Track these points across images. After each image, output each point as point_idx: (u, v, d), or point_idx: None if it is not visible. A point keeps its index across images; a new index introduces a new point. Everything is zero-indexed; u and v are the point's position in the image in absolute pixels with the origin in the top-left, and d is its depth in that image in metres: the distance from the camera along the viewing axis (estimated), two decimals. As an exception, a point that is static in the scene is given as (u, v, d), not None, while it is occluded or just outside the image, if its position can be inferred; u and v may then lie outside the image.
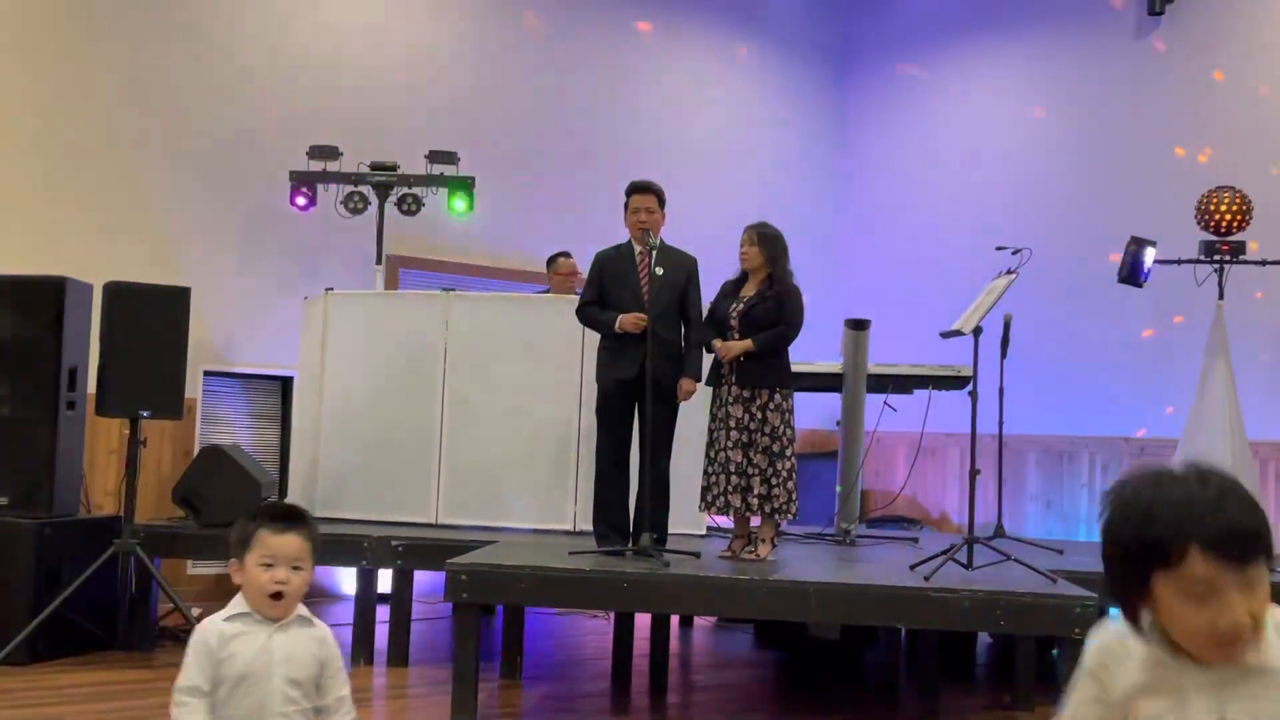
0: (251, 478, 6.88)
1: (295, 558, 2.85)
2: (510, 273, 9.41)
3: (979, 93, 10.42)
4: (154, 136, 8.17)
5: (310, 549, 2.89)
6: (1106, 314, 9.07)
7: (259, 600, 2.84)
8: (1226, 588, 1.67)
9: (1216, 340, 7.45)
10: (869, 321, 7.32)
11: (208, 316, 8.05)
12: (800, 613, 5.40)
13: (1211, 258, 7.46)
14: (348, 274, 8.48)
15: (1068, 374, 9.32)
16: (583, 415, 6.99)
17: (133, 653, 6.44)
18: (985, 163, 10.19)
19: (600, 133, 9.97)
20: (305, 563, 2.87)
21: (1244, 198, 7.44)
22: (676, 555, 5.74)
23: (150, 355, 6.34)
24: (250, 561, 2.84)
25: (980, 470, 5.89)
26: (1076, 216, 9.41)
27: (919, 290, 10.11)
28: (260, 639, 2.84)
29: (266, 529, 2.85)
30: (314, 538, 2.92)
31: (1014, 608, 5.11)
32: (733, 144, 10.80)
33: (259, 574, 2.83)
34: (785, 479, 5.85)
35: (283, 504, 3.02)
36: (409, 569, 6.53)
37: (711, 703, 6.18)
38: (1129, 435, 9.01)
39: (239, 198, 8.48)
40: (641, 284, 6.09)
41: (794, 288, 5.99)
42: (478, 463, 7.15)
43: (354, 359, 7.34)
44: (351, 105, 8.87)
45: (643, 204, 6.16)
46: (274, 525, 2.85)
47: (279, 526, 2.85)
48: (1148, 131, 9.16)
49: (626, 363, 6.00)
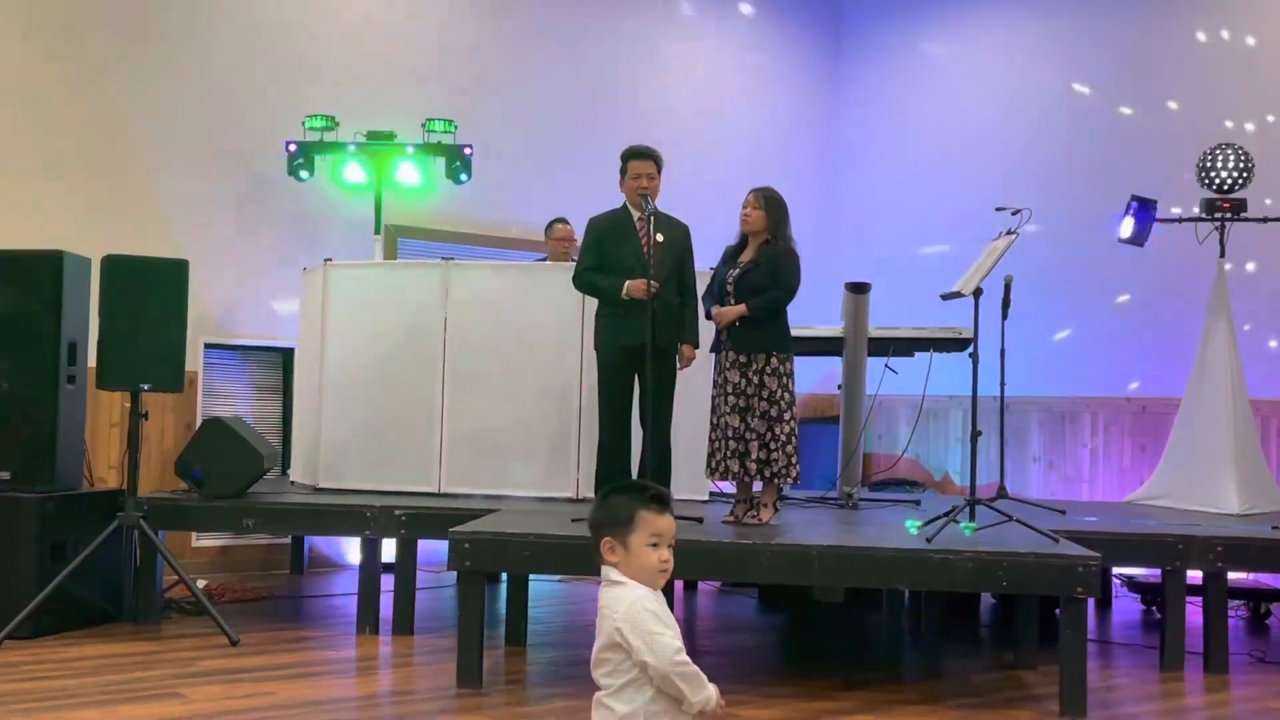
0: (253, 449, 6.88)
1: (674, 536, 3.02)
2: (509, 241, 9.39)
3: (977, 54, 10.35)
4: (149, 109, 8.13)
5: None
6: (1107, 274, 9.04)
7: (649, 576, 2.97)
8: None
9: (1218, 298, 7.44)
10: (869, 285, 7.30)
11: (207, 289, 8.03)
12: (804, 576, 5.41)
13: (1212, 215, 7.44)
14: (346, 244, 8.46)
15: (1069, 334, 9.31)
16: (584, 382, 6.98)
17: (138, 625, 6.47)
18: (984, 123, 10.14)
19: (598, 98, 9.91)
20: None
21: (1246, 154, 7.41)
22: (679, 521, 5.74)
23: (150, 328, 6.33)
24: (637, 542, 2.96)
25: (982, 432, 5.89)
26: (1077, 176, 9.37)
27: (919, 253, 10.08)
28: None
29: (648, 510, 2.97)
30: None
31: (1016, 568, 5.12)
32: (730, 109, 10.73)
33: (649, 554, 2.95)
34: (784, 443, 5.85)
35: (648, 484, 3.14)
36: (412, 538, 6.53)
37: (716, 666, 6.19)
38: (1131, 395, 9.00)
39: (236, 169, 8.44)
40: (644, 249, 6.07)
41: (790, 250, 5.97)
42: (479, 431, 7.15)
43: (354, 329, 7.33)
44: (348, 74, 8.82)
45: (643, 170, 6.14)
46: (655, 507, 2.99)
47: (660, 508, 2.99)
48: (1145, 86, 9.10)
49: (629, 329, 5.99)
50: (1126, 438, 9.05)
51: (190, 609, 6.70)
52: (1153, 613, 7.52)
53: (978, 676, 5.91)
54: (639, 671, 2.90)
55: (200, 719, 4.74)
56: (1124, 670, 6.12)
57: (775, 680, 5.80)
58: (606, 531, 2.97)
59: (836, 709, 5.08)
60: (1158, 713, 5.34)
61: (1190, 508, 7.23)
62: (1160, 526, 6.36)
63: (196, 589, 6.41)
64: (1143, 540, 6.10)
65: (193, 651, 5.90)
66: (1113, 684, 5.80)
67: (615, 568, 2.97)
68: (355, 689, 5.52)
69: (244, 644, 6.04)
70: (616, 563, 2.96)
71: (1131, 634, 7.05)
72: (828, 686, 5.44)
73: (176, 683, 5.27)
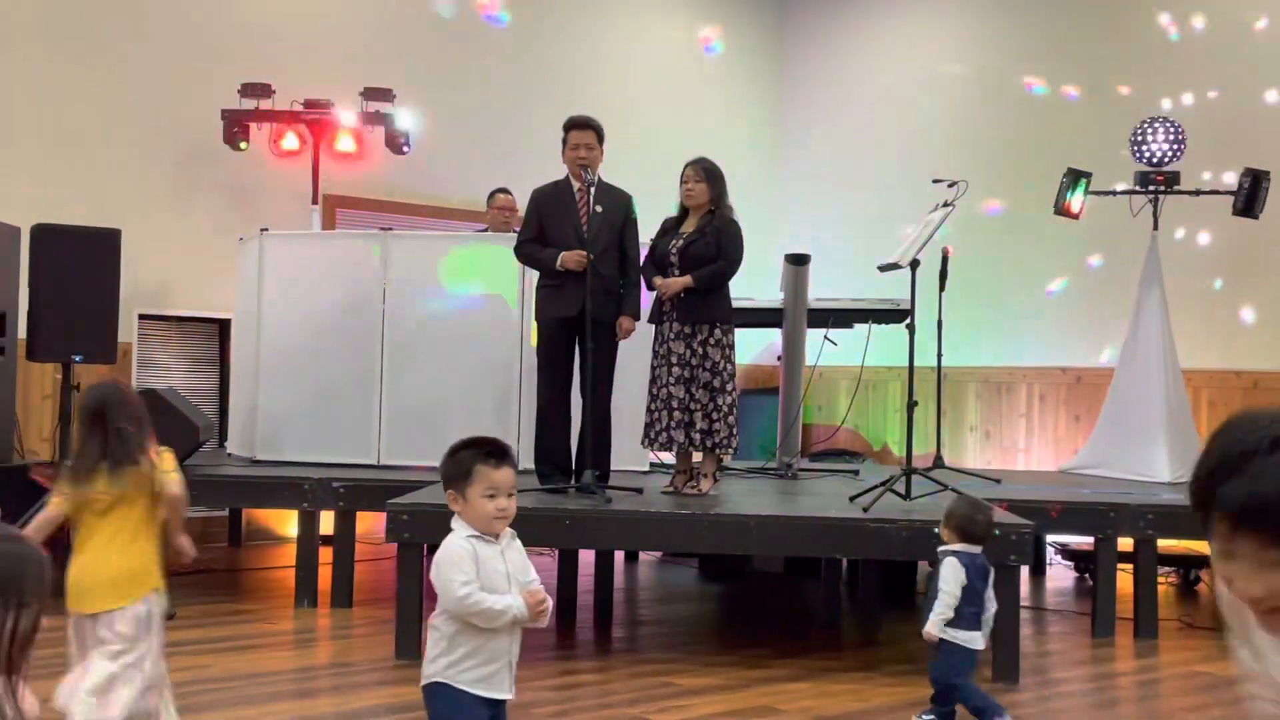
0: (190, 421, 6.80)
1: (514, 486, 3.16)
2: (449, 211, 9.31)
3: (922, 30, 10.39)
4: (82, 76, 7.98)
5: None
6: (1043, 246, 9.14)
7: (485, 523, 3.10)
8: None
9: (1151, 271, 7.55)
10: (809, 256, 7.33)
11: (141, 259, 7.89)
12: (743, 546, 5.46)
13: (1146, 188, 7.53)
14: (283, 214, 8.35)
15: (1005, 306, 9.41)
16: (524, 354, 6.97)
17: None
18: (924, 98, 10.19)
19: (541, 68, 9.84)
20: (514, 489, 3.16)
21: (1179, 127, 7.51)
22: (619, 492, 5.77)
23: (81, 299, 6.24)
24: (474, 493, 3.09)
25: (918, 402, 5.94)
26: (1016, 151, 9.45)
27: (859, 225, 10.13)
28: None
29: (485, 464, 3.10)
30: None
31: (952, 537, 5.18)
32: (672, 81, 10.70)
33: (485, 504, 3.09)
34: (726, 414, 5.88)
35: (487, 438, 3.21)
36: (351, 510, 6.50)
37: (656, 636, 6.24)
38: (1065, 365, 9.12)
39: (170, 137, 8.30)
40: (581, 221, 6.05)
41: (733, 222, 5.98)
42: (419, 403, 7.11)
43: (292, 300, 7.25)
44: (284, 42, 8.69)
45: (582, 140, 6.11)
46: (492, 461, 3.11)
47: (496, 462, 3.11)
48: (1087, 64, 9.19)
49: (567, 301, 5.98)
50: (1061, 407, 9.17)
51: (124, 582, 6.61)
52: (1085, 580, 7.65)
53: (914, 644, 5.97)
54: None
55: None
56: (1057, 637, 6.22)
57: (714, 649, 5.85)
58: (450, 485, 3.14)
59: (774, 676, 5.13)
60: (1089, 677, 5.45)
61: (1123, 476, 7.35)
62: (1093, 495, 6.46)
63: (131, 562, 6.33)
64: (1076, 508, 6.20)
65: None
66: (1046, 650, 5.90)
67: (459, 517, 3.13)
68: (293, 661, 5.50)
69: (180, 617, 5.97)
70: (459, 512, 3.13)
71: (1064, 601, 7.17)
72: (766, 655, 5.49)
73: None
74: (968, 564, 4.42)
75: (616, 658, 5.68)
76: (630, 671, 5.25)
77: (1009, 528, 5.15)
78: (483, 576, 3.07)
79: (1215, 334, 8.29)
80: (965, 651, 4.41)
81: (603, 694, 4.96)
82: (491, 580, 3.08)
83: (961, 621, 4.40)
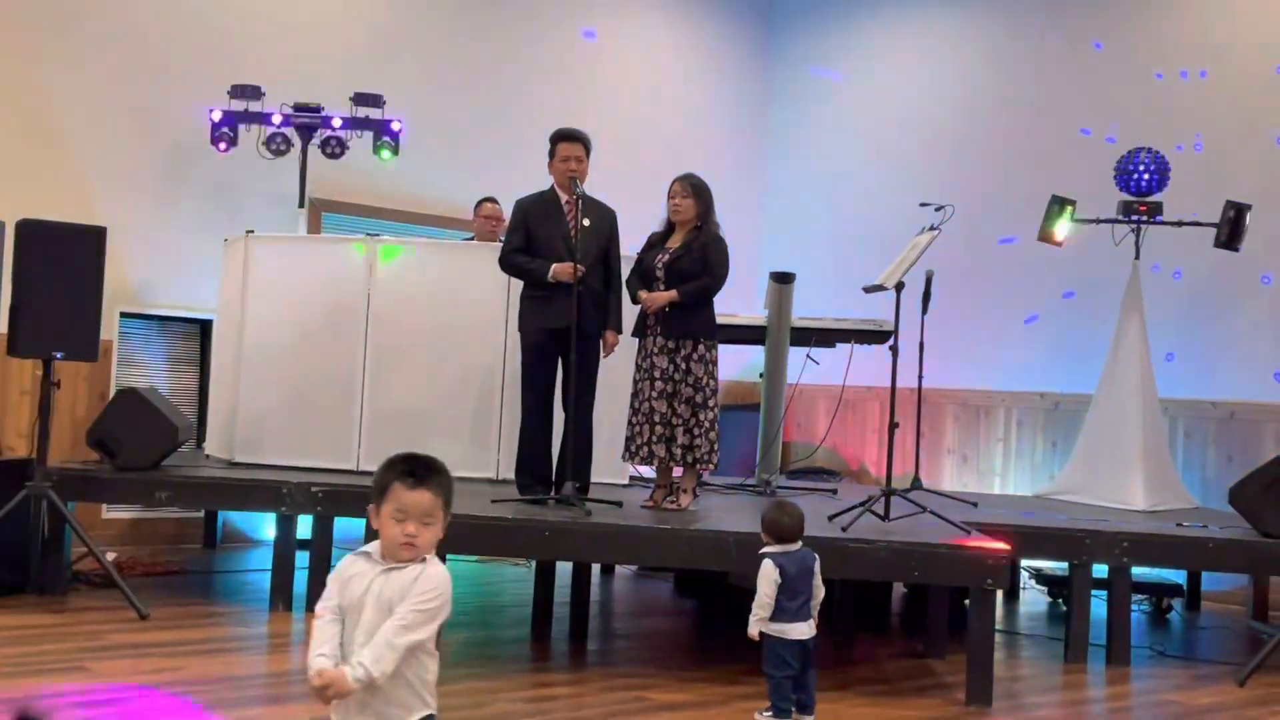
0: (168, 421, 6.78)
1: (428, 513, 2.87)
2: (435, 218, 9.31)
3: (908, 51, 10.45)
4: (72, 74, 7.95)
5: (441, 504, 2.90)
6: (1027, 272, 9.20)
7: (391, 550, 2.87)
8: None
9: (1131, 299, 7.60)
10: (793, 275, 7.37)
11: (125, 257, 7.88)
12: (720, 562, 5.47)
13: (1129, 217, 7.59)
14: (269, 216, 8.34)
15: (986, 330, 9.45)
16: (507, 363, 6.97)
17: (44, 597, 6.34)
18: (911, 122, 10.25)
19: (529, 79, 9.86)
20: (434, 517, 2.88)
21: (1162, 159, 7.57)
22: (599, 504, 5.77)
23: (64, 295, 6.20)
24: (385, 513, 2.87)
25: (899, 423, 5.97)
26: (998, 176, 9.50)
27: (843, 245, 10.17)
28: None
29: (400, 482, 2.85)
30: (443, 492, 2.92)
31: (929, 559, 5.21)
32: (660, 96, 10.74)
33: (391, 527, 2.85)
34: (708, 429, 5.89)
35: (418, 455, 2.96)
36: (329, 515, 6.48)
37: (631, 650, 6.23)
38: (1044, 391, 9.16)
39: (159, 137, 8.29)
40: (571, 233, 6.07)
41: (720, 238, 6.00)
42: (400, 409, 7.10)
43: (275, 303, 7.23)
44: (275, 45, 8.69)
45: (571, 152, 6.12)
46: (409, 480, 2.86)
47: (412, 482, 2.86)
48: (1073, 93, 9.25)
49: (554, 312, 5.98)
50: (1039, 433, 9.22)
51: (99, 582, 6.60)
52: (1059, 605, 7.68)
53: (888, 664, 6.00)
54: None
55: (107, 693, 4.67)
56: (1030, 661, 6.25)
57: (689, 665, 5.85)
58: (373, 498, 2.92)
59: (748, 693, 5.12)
60: (1061, 703, 5.47)
61: (1099, 503, 7.38)
62: (1069, 521, 6.49)
63: (106, 561, 6.31)
64: (1052, 534, 6.23)
65: (100, 625, 5.81)
66: (1018, 674, 5.92)
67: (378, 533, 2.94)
68: (266, 665, 5.48)
69: (153, 618, 5.96)
70: (377, 529, 2.92)
71: (1038, 626, 7.20)
72: (740, 671, 5.49)
73: (83, 656, 5.19)
74: (783, 563, 4.71)
75: (591, 671, 5.67)
76: (604, 685, 5.25)
77: (985, 551, 5.17)
78: (343, 598, 2.87)
79: (1193, 364, 8.35)
80: (785, 642, 4.67)
81: (576, 708, 4.95)
82: (351, 604, 2.85)
83: (784, 615, 4.68)
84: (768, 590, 4.66)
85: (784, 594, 4.67)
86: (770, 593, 4.66)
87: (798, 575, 4.71)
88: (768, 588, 4.66)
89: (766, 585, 4.67)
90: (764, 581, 4.68)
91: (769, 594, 4.66)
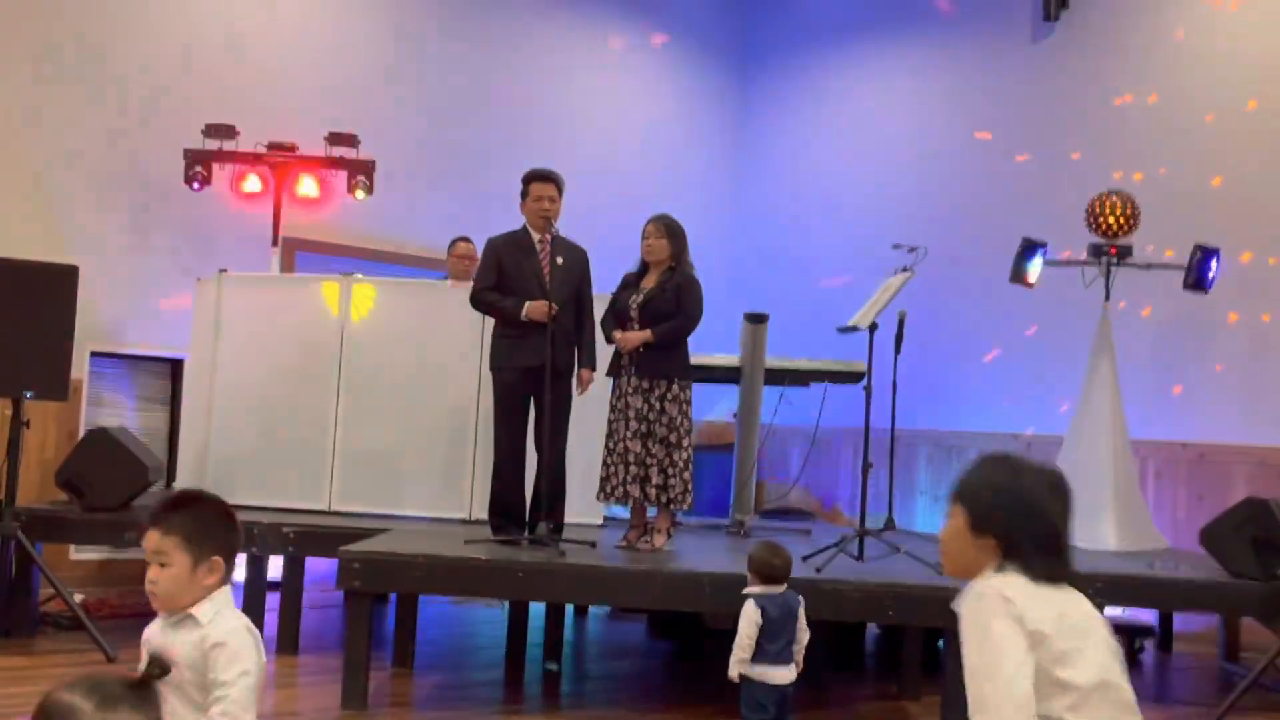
0: (139, 461, 6.73)
1: (156, 552, 2.78)
2: (409, 258, 9.31)
3: (881, 93, 10.56)
4: (45, 111, 7.93)
5: (177, 542, 2.79)
6: (998, 313, 9.26)
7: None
8: None
9: (1102, 340, 7.65)
10: (767, 316, 7.39)
11: (96, 296, 7.83)
12: (695, 603, 5.45)
13: (1099, 259, 7.66)
14: (243, 256, 8.32)
15: (958, 371, 9.50)
16: (480, 403, 6.95)
17: (11, 639, 6.26)
18: (883, 161, 10.33)
19: (503, 119, 9.91)
20: (169, 557, 2.78)
21: (1132, 201, 7.65)
22: (572, 545, 5.75)
23: (34, 334, 6.16)
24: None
25: (873, 464, 5.98)
26: (971, 216, 9.58)
27: (818, 286, 10.22)
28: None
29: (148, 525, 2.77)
30: (180, 530, 2.81)
31: (903, 599, 5.21)
32: (634, 136, 10.81)
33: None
34: (682, 469, 5.89)
35: (172, 493, 2.89)
36: (300, 556, 6.44)
37: (604, 692, 6.20)
38: (1017, 432, 9.20)
39: (131, 175, 8.26)
40: (544, 272, 6.08)
41: (694, 279, 6.03)
42: (373, 449, 7.07)
43: (248, 342, 7.21)
44: (249, 84, 8.70)
45: (545, 192, 6.14)
46: (149, 520, 2.78)
47: (147, 521, 2.78)
48: (1041, 134, 9.35)
49: (528, 352, 5.98)
50: (1011, 474, 9.22)
51: (67, 624, 6.51)
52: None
53: (862, 705, 5.98)
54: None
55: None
56: (1003, 702, 6.22)
57: (662, 707, 5.81)
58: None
59: (723, 736, 5.11)
60: (1035, 744, 5.45)
61: (1071, 544, 7.38)
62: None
63: (74, 603, 6.23)
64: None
65: (68, 667, 5.73)
66: (992, 715, 5.89)
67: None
68: (236, 709, 5.40)
69: (121, 660, 5.89)
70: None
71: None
72: (713, 713, 5.46)
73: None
74: (765, 604, 4.68)
75: (564, 714, 5.63)
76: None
77: (959, 592, 5.16)
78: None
79: (1163, 405, 8.40)
80: (765, 686, 4.65)
81: (550, 749, 4.91)
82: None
83: (765, 658, 4.65)
84: (749, 631, 4.64)
85: (765, 636, 4.64)
86: (751, 634, 4.63)
87: (779, 618, 4.69)
88: (749, 629, 4.64)
89: (748, 626, 4.64)
90: (745, 622, 4.65)
91: (750, 635, 4.63)
